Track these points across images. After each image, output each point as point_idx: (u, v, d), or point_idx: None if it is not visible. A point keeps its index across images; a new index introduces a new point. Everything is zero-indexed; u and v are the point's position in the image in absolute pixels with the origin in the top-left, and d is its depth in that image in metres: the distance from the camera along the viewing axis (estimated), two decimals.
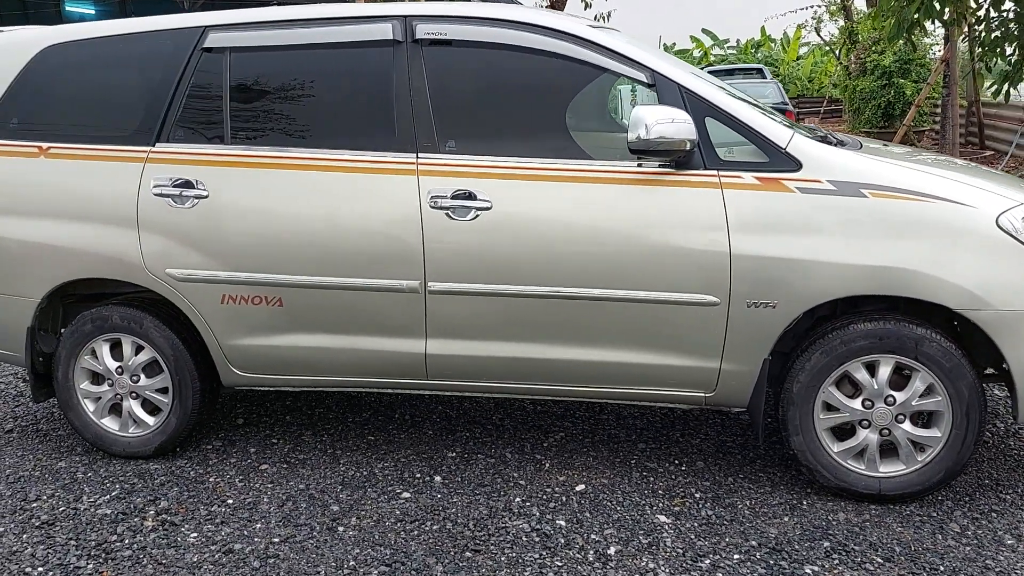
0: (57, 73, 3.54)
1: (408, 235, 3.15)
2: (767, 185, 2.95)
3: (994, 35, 7.70)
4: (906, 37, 8.48)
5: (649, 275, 3.01)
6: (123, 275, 3.42)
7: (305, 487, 3.33)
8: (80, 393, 3.60)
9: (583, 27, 3.18)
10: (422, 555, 2.82)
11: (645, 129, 2.84)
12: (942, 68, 16.55)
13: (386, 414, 4.05)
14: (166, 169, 3.35)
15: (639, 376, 3.15)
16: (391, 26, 3.25)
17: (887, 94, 18.04)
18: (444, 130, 3.20)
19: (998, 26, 7.62)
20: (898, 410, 2.98)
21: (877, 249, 2.86)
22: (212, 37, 3.38)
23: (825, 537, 2.86)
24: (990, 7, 7.71)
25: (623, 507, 3.10)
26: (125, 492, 3.33)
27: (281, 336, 3.36)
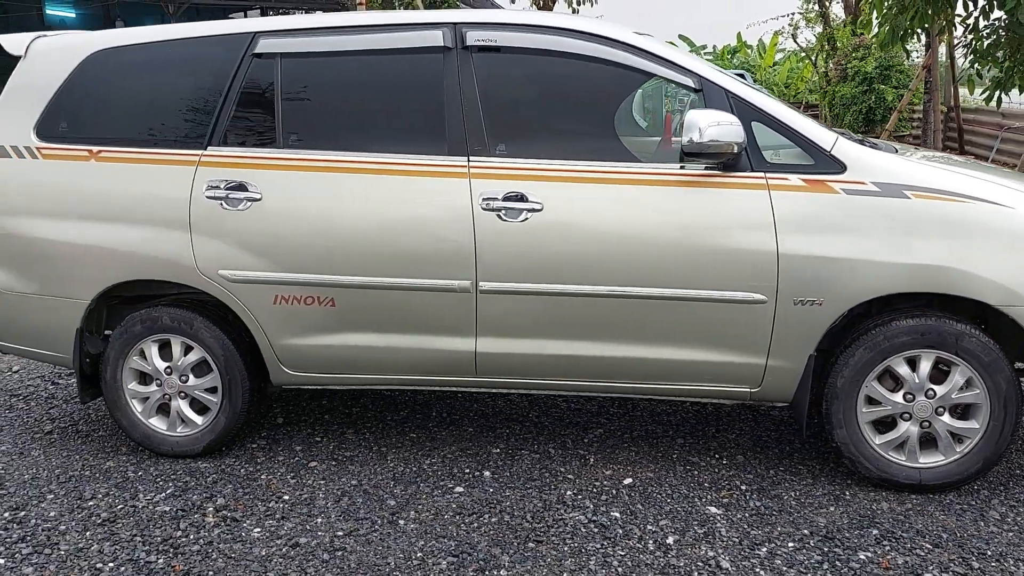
0: (105, 78, 3.59)
1: (460, 236, 3.23)
2: (813, 187, 3.06)
3: (987, 43, 7.90)
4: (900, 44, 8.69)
5: (698, 274, 3.12)
6: (175, 277, 3.47)
7: (358, 483, 3.40)
8: (128, 393, 3.64)
9: (630, 34, 3.28)
10: (486, 546, 2.90)
11: (699, 132, 2.94)
12: (923, 74, 16.87)
13: (423, 412, 4.12)
14: (218, 172, 3.41)
15: (687, 373, 3.26)
16: (441, 33, 3.34)
17: (868, 100, 18.36)
18: (494, 134, 3.29)
19: (990, 34, 7.82)
20: (938, 403, 3.10)
21: (920, 248, 2.99)
22: (263, 43, 3.45)
23: (872, 525, 2.97)
24: (980, 16, 7.91)
25: (673, 499, 3.20)
26: (180, 490, 3.38)
27: (333, 336, 3.43)
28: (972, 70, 8.38)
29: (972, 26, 8.02)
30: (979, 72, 8.43)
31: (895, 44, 8.71)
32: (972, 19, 7.98)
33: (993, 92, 8.15)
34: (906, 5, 7.74)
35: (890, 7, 8.10)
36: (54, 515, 3.22)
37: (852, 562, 2.75)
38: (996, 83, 8.02)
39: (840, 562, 2.75)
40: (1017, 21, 6.95)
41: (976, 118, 16.75)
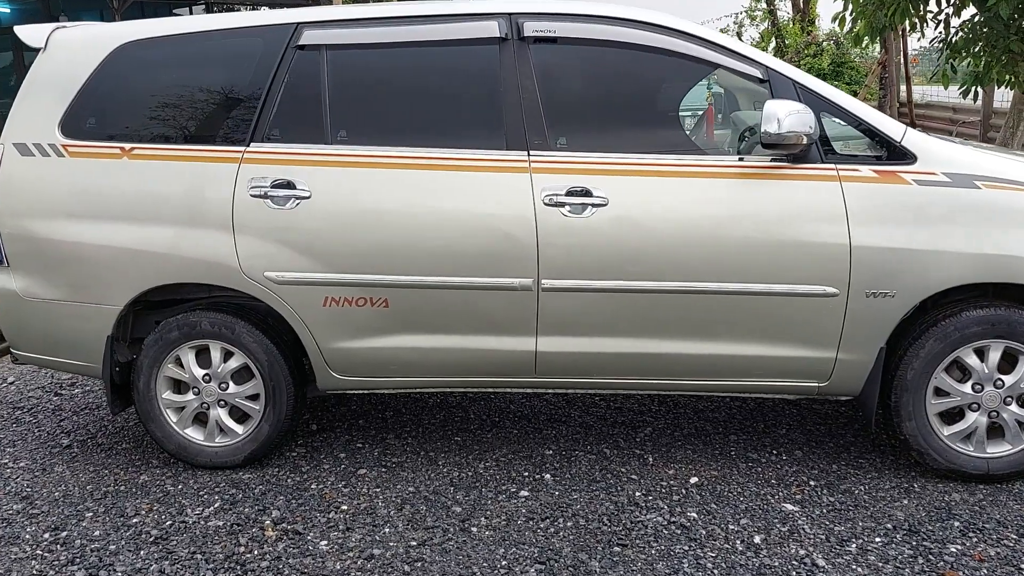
0: (136, 71, 3.40)
1: (522, 232, 3.14)
2: (885, 178, 3.04)
3: (962, 37, 8.06)
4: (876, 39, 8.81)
5: (768, 268, 3.07)
6: (217, 279, 3.31)
7: (415, 490, 3.28)
8: (162, 403, 3.47)
9: (693, 24, 3.22)
10: (571, 551, 2.81)
11: (777, 123, 2.90)
12: (879, 71, 17.23)
13: (461, 415, 4.02)
14: (264, 169, 3.25)
15: (754, 368, 3.21)
16: (497, 24, 3.24)
17: None
18: (554, 127, 3.20)
19: (968, 31, 7.98)
20: (1006, 392, 3.11)
21: (992, 238, 2.99)
22: (307, 35, 3.30)
23: (951, 517, 2.97)
24: (952, 12, 8.07)
25: (745, 497, 3.15)
26: (228, 503, 3.22)
27: (385, 337, 3.30)
28: (947, 65, 8.55)
29: (944, 21, 8.19)
30: (953, 67, 8.60)
31: (873, 40, 8.83)
32: (943, 15, 8.14)
33: (971, 86, 8.32)
34: (886, 1, 7.85)
35: (867, 3, 8.21)
36: (99, 534, 3.03)
37: (945, 555, 2.73)
38: (973, 78, 8.19)
39: (933, 556, 2.73)
40: (996, 16, 7.10)
41: (927, 113, 17.20)
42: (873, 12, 8.13)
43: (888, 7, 7.85)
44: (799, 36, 21.83)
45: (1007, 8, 6.79)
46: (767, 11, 26.29)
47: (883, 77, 16.60)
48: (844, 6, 8.64)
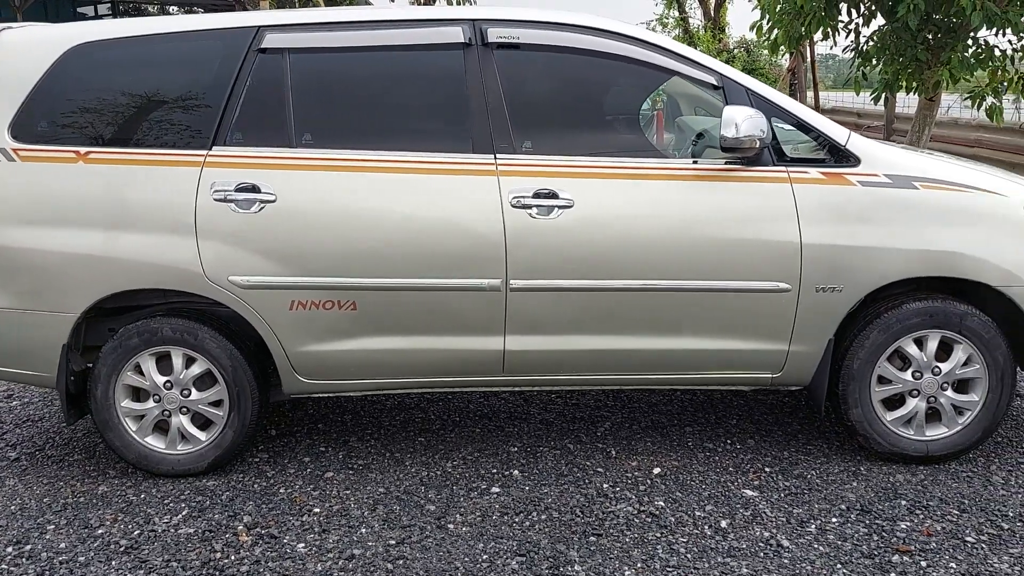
0: (91, 74, 3.33)
1: (490, 234, 3.21)
2: (832, 180, 3.23)
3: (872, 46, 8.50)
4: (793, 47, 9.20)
5: (726, 266, 3.22)
6: (179, 284, 3.27)
7: (386, 490, 3.31)
8: (121, 412, 3.40)
9: (652, 33, 3.35)
10: (549, 543, 2.90)
11: (735, 128, 3.05)
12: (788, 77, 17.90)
13: (420, 416, 4.06)
14: (227, 173, 3.23)
15: (712, 361, 3.36)
16: (461, 29, 3.30)
17: None
18: (520, 131, 3.29)
19: (878, 40, 8.41)
20: (943, 379, 3.34)
21: (930, 235, 3.21)
22: (269, 38, 3.30)
23: (898, 496, 3.17)
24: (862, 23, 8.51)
25: (707, 485, 3.29)
26: (196, 510, 3.19)
27: (353, 340, 3.32)
28: (858, 72, 8.99)
29: (855, 31, 8.62)
30: (864, 74, 9.06)
31: (791, 48, 9.22)
32: (855, 25, 8.58)
33: (881, 92, 8.77)
34: (803, 11, 8.21)
35: (783, 12, 8.57)
36: (65, 547, 2.97)
37: (896, 532, 2.92)
38: (884, 84, 8.64)
39: (886, 533, 2.92)
40: (904, 26, 7.52)
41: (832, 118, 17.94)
42: (790, 21, 8.48)
43: (804, 17, 8.20)
44: (711, 43, 22.50)
45: (914, 19, 7.19)
46: (679, 19, 27.03)
47: (792, 84, 17.26)
48: (761, 15, 8.99)
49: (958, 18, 7.36)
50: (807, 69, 17.09)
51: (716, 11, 23.82)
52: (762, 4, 8.91)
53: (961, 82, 8.20)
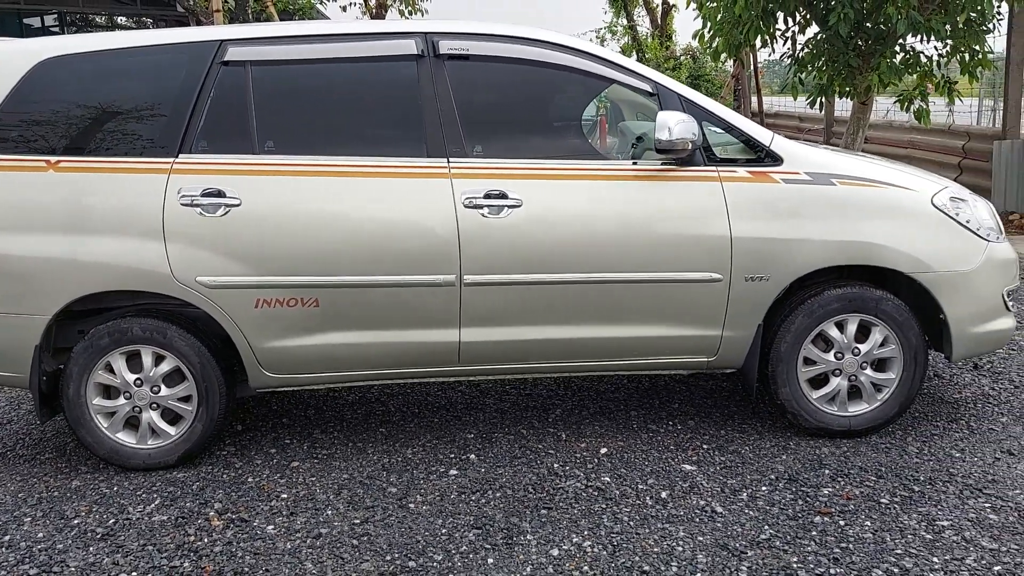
0: (60, 86, 3.49)
1: (444, 232, 3.43)
2: (758, 178, 3.52)
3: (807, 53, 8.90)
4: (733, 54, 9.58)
5: (663, 258, 3.49)
6: (149, 286, 3.43)
7: (350, 476, 3.51)
8: (93, 409, 3.55)
9: (592, 44, 3.62)
10: (503, 517, 3.12)
11: (668, 131, 3.32)
12: (732, 83, 18.40)
13: (381, 409, 4.26)
14: (194, 179, 3.41)
15: (654, 347, 3.62)
16: (414, 42, 3.53)
17: None
18: (471, 136, 3.52)
19: (812, 47, 8.81)
20: (862, 359, 3.65)
21: (847, 227, 3.52)
22: (232, 51, 3.49)
23: (823, 467, 3.46)
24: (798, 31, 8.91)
25: (650, 461, 3.55)
26: (168, 499, 3.36)
27: (316, 335, 3.52)
28: (796, 78, 9.40)
29: (791, 38, 9.02)
30: (800, 80, 9.48)
31: (731, 55, 9.60)
32: (791, 33, 8.98)
33: (816, 97, 9.18)
34: (742, 20, 8.57)
35: (723, 21, 8.93)
36: (43, 536, 3.12)
37: (819, 497, 3.21)
38: (819, 89, 9.05)
39: (810, 498, 3.21)
40: (836, 34, 7.92)
41: (776, 122, 18.54)
42: (729, 30, 8.84)
43: (743, 25, 8.57)
44: (658, 51, 22.97)
45: (845, 27, 7.59)
46: (627, 27, 27.50)
47: (736, 89, 17.76)
48: (703, 24, 9.35)
49: (886, 26, 7.77)
50: (750, 75, 17.59)
51: (663, 19, 24.31)
52: (703, 13, 9.27)
53: (890, 86, 8.64)
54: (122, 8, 18.90)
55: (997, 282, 3.65)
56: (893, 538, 2.90)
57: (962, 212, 3.63)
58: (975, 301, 3.61)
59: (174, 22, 16.18)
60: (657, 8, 24.25)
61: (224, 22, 9.50)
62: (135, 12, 19.91)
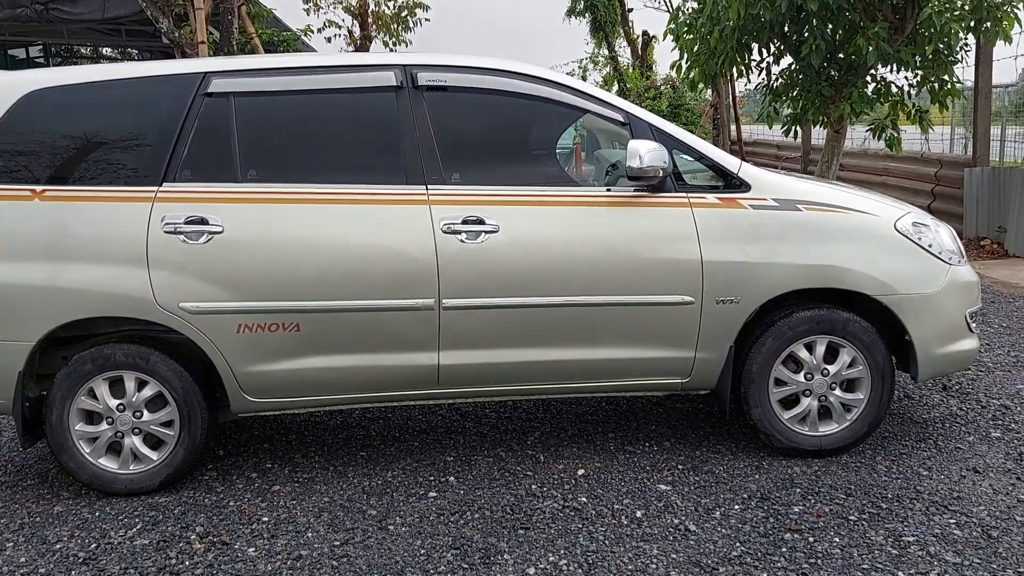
0: (46, 117, 3.56)
1: (423, 257, 3.52)
2: (726, 204, 3.63)
3: (781, 83, 9.10)
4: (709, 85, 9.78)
5: (637, 282, 3.58)
6: (132, 312, 3.49)
7: (330, 500, 3.56)
8: (75, 434, 3.59)
9: (565, 76, 3.74)
10: (481, 538, 3.18)
11: (639, 159, 3.43)
12: (711, 112, 18.69)
13: (362, 433, 4.31)
14: (177, 207, 3.49)
15: (629, 369, 3.71)
16: (393, 74, 3.63)
17: None
18: (449, 164, 3.61)
19: (786, 77, 9.01)
20: (831, 380, 3.74)
21: (813, 251, 3.63)
22: (215, 83, 3.58)
23: (794, 486, 3.54)
24: (772, 61, 9.12)
25: (625, 482, 3.62)
26: (150, 524, 3.39)
27: (297, 360, 3.58)
28: (770, 108, 9.60)
29: (765, 69, 9.22)
30: (776, 109, 9.68)
31: (707, 85, 9.80)
32: (765, 63, 9.18)
33: (791, 126, 9.38)
34: (717, 51, 8.77)
35: (699, 52, 9.13)
36: (25, 560, 3.15)
37: (790, 514, 3.29)
38: (793, 118, 9.24)
39: (781, 516, 3.28)
40: (808, 65, 8.12)
41: (755, 150, 18.83)
42: (705, 61, 9.04)
43: (718, 57, 8.76)
44: (639, 80, 23.29)
45: (817, 58, 7.79)
46: (608, 57, 27.90)
47: (715, 118, 18.04)
48: (680, 55, 9.56)
49: (857, 57, 7.97)
50: (728, 105, 17.86)
51: (643, 50, 24.68)
52: (680, 44, 9.47)
53: (862, 115, 8.85)
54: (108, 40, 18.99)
55: (960, 304, 3.77)
56: (860, 553, 2.98)
57: (924, 236, 3.75)
58: (939, 322, 3.72)
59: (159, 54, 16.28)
60: (638, 39, 24.62)
61: (209, 54, 9.61)
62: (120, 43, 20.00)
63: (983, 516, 3.22)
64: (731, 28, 8.19)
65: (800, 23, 8.09)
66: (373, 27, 18.45)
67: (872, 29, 7.55)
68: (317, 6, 18.17)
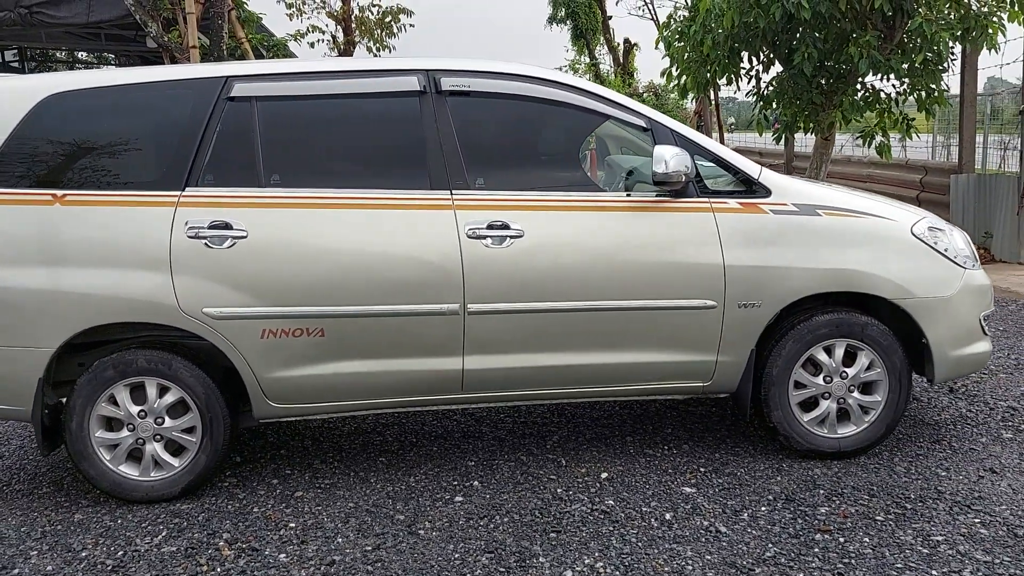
0: (65, 121, 3.53)
1: (449, 262, 3.52)
2: (748, 209, 3.67)
3: (772, 90, 9.20)
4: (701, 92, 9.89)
5: (660, 286, 3.61)
6: (154, 317, 3.46)
7: (355, 505, 3.55)
8: (96, 441, 3.55)
9: (588, 82, 3.76)
10: (513, 541, 3.18)
11: (665, 164, 3.46)
12: (695, 119, 18.84)
13: (378, 439, 4.30)
14: (200, 212, 3.47)
15: (651, 373, 3.73)
16: (416, 78, 3.64)
17: None
18: (473, 169, 3.62)
19: (777, 85, 9.11)
20: (850, 382, 3.79)
21: (833, 255, 3.67)
22: (238, 87, 3.56)
23: (817, 487, 3.58)
24: (762, 69, 9.22)
25: (650, 485, 3.64)
26: (175, 531, 3.36)
27: (321, 365, 3.56)
28: (760, 115, 9.70)
29: (755, 77, 9.32)
30: (766, 116, 9.78)
31: (699, 93, 9.89)
32: (755, 71, 9.28)
33: (782, 133, 9.49)
34: (709, 59, 8.86)
35: (691, 60, 9.21)
36: (52, 569, 3.11)
37: (817, 515, 3.32)
38: (784, 125, 9.35)
39: (808, 517, 3.32)
40: (800, 72, 8.22)
41: None
42: (697, 69, 9.12)
43: (711, 64, 8.85)
44: (621, 88, 23.43)
45: (809, 66, 7.89)
46: (590, 64, 28.04)
47: (699, 125, 18.18)
48: (670, 63, 9.64)
49: (847, 65, 8.09)
50: (712, 112, 18.03)
51: (625, 57, 24.83)
52: (671, 53, 9.55)
53: (852, 122, 8.97)
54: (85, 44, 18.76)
55: (974, 307, 3.83)
56: (892, 553, 3.02)
57: (940, 241, 3.81)
58: (955, 326, 3.79)
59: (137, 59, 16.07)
60: (619, 47, 24.76)
61: (198, 59, 9.55)
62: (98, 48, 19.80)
63: (1007, 515, 3.28)
64: (724, 36, 8.27)
65: (792, 31, 8.18)
66: (357, 33, 18.39)
67: (863, 38, 7.67)
68: (300, 11, 18.08)
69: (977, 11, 7.84)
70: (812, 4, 7.49)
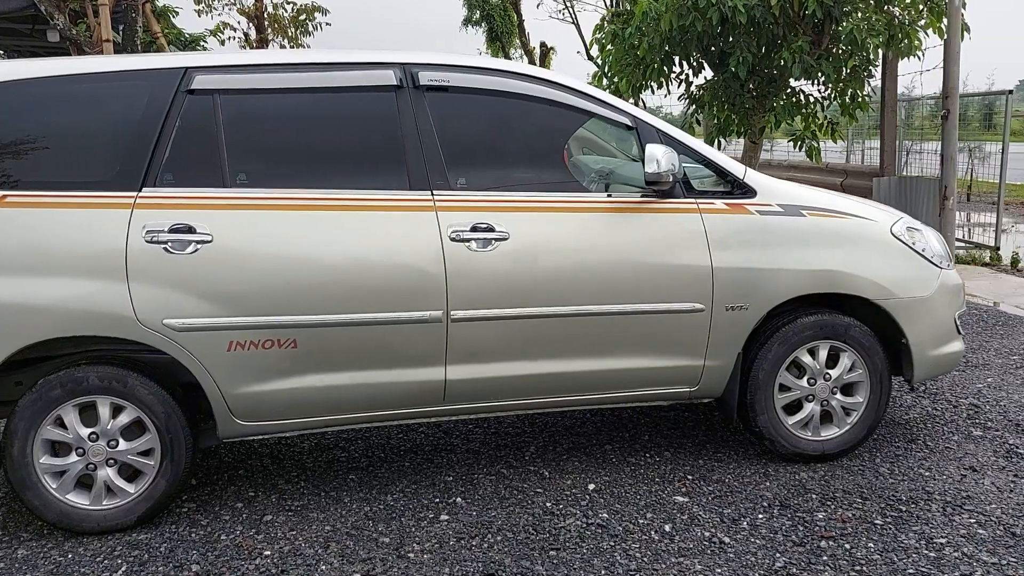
0: (8, 114, 3.18)
1: (430, 267, 3.32)
2: (734, 209, 3.60)
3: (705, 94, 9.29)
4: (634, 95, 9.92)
5: (649, 289, 3.50)
6: (108, 330, 3.15)
7: (333, 528, 3.31)
8: (40, 468, 3.21)
9: (572, 79, 3.62)
10: (512, 561, 3.01)
11: (657, 164, 3.35)
12: None
13: (344, 456, 4.06)
14: (159, 214, 3.17)
15: (638, 379, 3.62)
16: (392, 72, 3.43)
17: None
18: (454, 168, 3.44)
19: (709, 90, 9.20)
20: (833, 384, 3.76)
21: (819, 256, 3.64)
22: (199, 79, 3.28)
23: (808, 491, 3.53)
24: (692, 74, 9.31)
25: (641, 495, 3.52)
26: (136, 564, 3.06)
27: (294, 378, 3.32)
28: (692, 118, 9.78)
29: (685, 81, 9.40)
30: (697, 119, 9.86)
31: (633, 96, 9.92)
32: (685, 75, 9.36)
33: (715, 137, 9.58)
34: (644, 62, 8.89)
35: (624, 64, 9.22)
36: None
37: (816, 522, 3.26)
38: (716, 129, 9.45)
39: (807, 523, 3.26)
40: (735, 76, 8.31)
41: None
42: (631, 72, 9.13)
43: (645, 67, 8.87)
44: None
45: (743, 70, 7.98)
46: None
47: None
48: (603, 66, 9.64)
49: (778, 69, 8.22)
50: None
51: (541, 61, 24.87)
52: (604, 56, 9.54)
53: (783, 126, 9.14)
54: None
55: (950, 307, 3.86)
56: (900, 558, 2.98)
57: (918, 241, 3.83)
58: (933, 325, 3.80)
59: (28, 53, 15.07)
60: (535, 50, 24.77)
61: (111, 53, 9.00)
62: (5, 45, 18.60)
63: (999, 515, 3.29)
64: (660, 39, 8.28)
65: (726, 35, 8.27)
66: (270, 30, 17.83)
67: (796, 43, 7.80)
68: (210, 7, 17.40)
69: (900, 19, 8.09)
70: (747, 8, 7.59)
